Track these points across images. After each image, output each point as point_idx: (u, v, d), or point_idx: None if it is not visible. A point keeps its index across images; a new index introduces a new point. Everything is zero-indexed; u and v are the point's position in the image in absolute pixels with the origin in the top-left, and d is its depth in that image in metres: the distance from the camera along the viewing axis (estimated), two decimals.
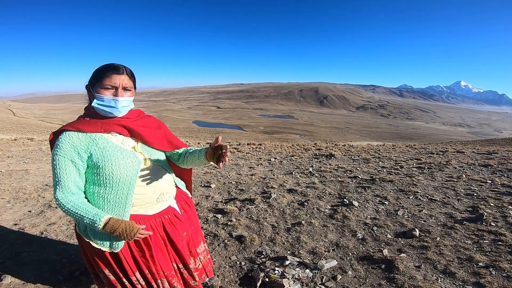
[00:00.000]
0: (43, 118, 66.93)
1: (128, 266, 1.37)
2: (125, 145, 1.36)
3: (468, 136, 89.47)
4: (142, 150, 1.41)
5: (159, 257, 1.44)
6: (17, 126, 33.77)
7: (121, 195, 1.30)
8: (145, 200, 1.40)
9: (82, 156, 1.25)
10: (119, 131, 1.35)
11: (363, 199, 3.83)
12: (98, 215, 1.21)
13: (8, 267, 2.35)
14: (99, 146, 1.27)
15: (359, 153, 8.09)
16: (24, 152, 8.22)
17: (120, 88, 1.29)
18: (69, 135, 1.24)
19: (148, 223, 1.40)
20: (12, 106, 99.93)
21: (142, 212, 1.40)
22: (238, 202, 3.85)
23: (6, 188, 4.45)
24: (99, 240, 1.30)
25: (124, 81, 1.30)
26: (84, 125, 1.27)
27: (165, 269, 1.46)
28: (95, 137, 1.28)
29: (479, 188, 4.05)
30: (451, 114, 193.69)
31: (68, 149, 1.22)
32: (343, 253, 2.54)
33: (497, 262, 2.25)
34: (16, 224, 3.21)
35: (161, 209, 1.47)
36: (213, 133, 58.86)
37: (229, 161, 6.93)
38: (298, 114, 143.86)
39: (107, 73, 1.26)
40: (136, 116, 1.44)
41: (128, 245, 1.36)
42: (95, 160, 1.26)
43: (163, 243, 1.46)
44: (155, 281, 1.45)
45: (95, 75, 1.29)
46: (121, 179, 1.29)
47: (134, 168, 1.32)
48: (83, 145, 1.25)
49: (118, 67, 1.29)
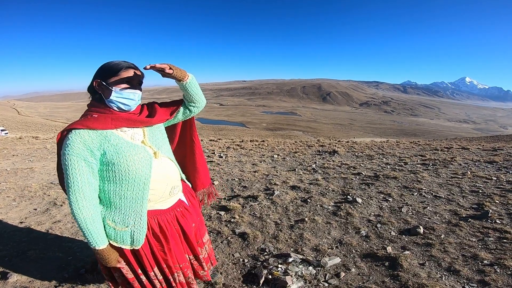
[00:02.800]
0: (48, 117, 67.40)
1: (148, 261, 1.39)
2: (135, 140, 1.34)
3: (473, 132, 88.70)
4: (150, 143, 1.39)
5: (175, 249, 1.46)
6: (22, 124, 34.04)
7: (137, 191, 1.29)
8: (159, 195, 1.40)
9: (95, 154, 1.21)
10: (129, 125, 1.32)
11: (366, 196, 3.81)
12: (100, 240, 1.23)
13: (14, 264, 2.39)
14: (112, 143, 1.24)
15: (363, 149, 8.05)
16: (29, 151, 8.29)
17: (135, 82, 1.31)
18: (79, 134, 1.18)
19: (164, 217, 1.42)
20: (17, 105, 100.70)
21: (158, 207, 1.42)
22: (241, 199, 3.85)
23: (12, 186, 4.49)
24: (120, 239, 1.30)
25: (138, 76, 1.32)
26: (94, 123, 1.23)
27: (180, 261, 1.49)
28: (106, 134, 1.25)
29: (484, 185, 4.01)
30: (456, 111, 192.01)
31: (80, 148, 1.17)
32: (346, 250, 2.53)
33: (502, 259, 2.23)
34: (22, 222, 3.24)
35: (173, 202, 1.50)
36: (216, 130, 58.92)
37: (232, 157, 6.93)
38: (301, 110, 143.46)
39: (124, 67, 1.27)
40: (140, 109, 1.43)
41: (148, 241, 1.38)
42: (110, 158, 1.23)
43: (178, 236, 1.49)
44: (172, 274, 1.48)
45: (108, 69, 1.27)
46: (137, 175, 1.28)
47: (147, 162, 1.31)
48: (96, 143, 1.21)
49: (131, 64, 1.30)
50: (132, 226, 1.30)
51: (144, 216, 1.32)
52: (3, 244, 2.70)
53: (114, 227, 1.28)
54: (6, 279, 2.16)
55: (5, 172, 5.44)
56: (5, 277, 2.19)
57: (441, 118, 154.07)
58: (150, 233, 1.38)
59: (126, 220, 1.29)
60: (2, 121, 35.39)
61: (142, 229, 1.32)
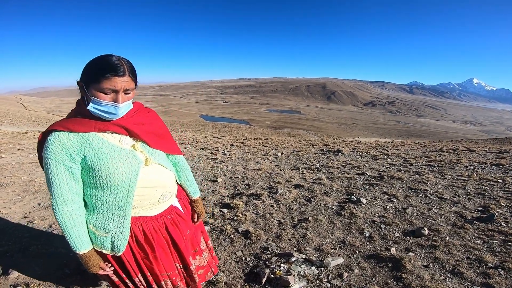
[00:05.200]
0: (54, 112, 67.98)
1: (131, 268, 1.34)
2: (123, 144, 1.23)
3: (479, 134, 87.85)
4: (142, 148, 1.28)
5: (162, 258, 1.39)
6: (28, 119, 34.34)
7: (120, 198, 1.22)
8: (146, 202, 1.32)
9: (75, 158, 1.13)
10: (115, 130, 1.21)
11: (371, 196, 3.79)
12: (80, 245, 1.19)
13: (16, 260, 2.38)
14: (94, 147, 1.15)
15: (367, 149, 8.00)
16: (34, 145, 8.35)
17: (120, 92, 1.13)
18: (58, 136, 1.10)
19: (150, 225, 1.34)
20: (24, 100, 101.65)
21: (143, 214, 1.33)
22: (245, 197, 3.84)
23: (16, 180, 4.53)
24: (100, 244, 1.25)
25: (125, 84, 1.13)
26: (76, 125, 1.13)
27: (168, 269, 1.43)
28: (88, 137, 1.15)
29: (490, 188, 3.97)
30: (463, 112, 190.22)
31: (59, 152, 1.10)
32: (349, 251, 2.52)
33: (506, 262, 2.21)
34: (25, 217, 3.26)
35: (163, 209, 1.41)
36: (219, 127, 58.99)
37: (235, 154, 6.93)
38: (305, 109, 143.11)
39: (106, 74, 1.08)
40: (134, 110, 1.29)
41: (130, 248, 1.32)
42: (90, 163, 1.14)
43: (166, 244, 1.42)
44: (159, 282, 1.42)
45: (90, 73, 1.11)
46: (120, 182, 1.19)
47: (133, 169, 1.21)
48: (75, 147, 1.12)
49: (118, 67, 1.10)
50: (113, 233, 1.24)
51: (126, 223, 1.26)
52: (5, 240, 2.71)
53: (95, 232, 1.24)
54: (8, 275, 2.16)
55: (10, 166, 5.49)
56: (6, 272, 2.19)
57: (447, 119, 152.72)
58: (133, 241, 1.32)
59: (107, 226, 1.23)
60: (9, 116, 35.76)
61: (123, 236, 1.25)
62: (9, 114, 39.54)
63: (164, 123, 1.47)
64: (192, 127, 57.97)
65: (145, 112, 1.37)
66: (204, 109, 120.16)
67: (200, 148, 8.33)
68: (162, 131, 1.42)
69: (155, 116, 1.42)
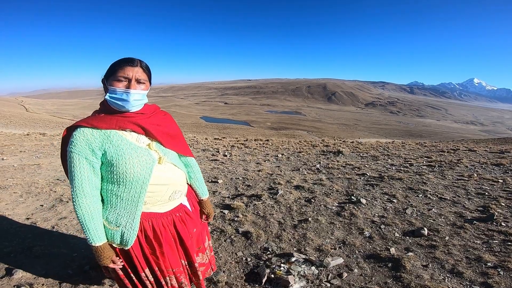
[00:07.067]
0: (55, 114, 68.15)
1: (138, 262, 1.38)
2: (139, 143, 1.33)
3: (480, 134, 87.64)
4: (156, 148, 1.38)
5: (168, 254, 1.44)
6: (30, 121, 34.45)
7: (133, 193, 1.29)
8: (158, 198, 1.39)
9: (96, 153, 1.23)
10: (134, 129, 1.31)
11: (371, 196, 3.80)
12: (96, 237, 1.26)
13: (19, 261, 2.41)
14: (113, 144, 1.25)
15: (368, 150, 8.01)
16: (36, 147, 8.39)
17: (133, 80, 1.26)
18: (83, 132, 1.21)
19: (159, 221, 1.40)
20: (25, 101, 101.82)
21: (154, 210, 1.40)
22: (245, 198, 3.86)
23: (19, 182, 4.56)
24: (110, 236, 1.31)
25: (137, 73, 1.27)
26: (99, 122, 1.24)
27: (173, 265, 1.47)
28: (109, 134, 1.25)
29: (490, 188, 3.98)
30: (463, 112, 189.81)
31: (83, 147, 1.20)
32: (349, 251, 2.53)
33: (505, 262, 2.22)
34: (28, 218, 3.29)
35: (172, 207, 1.47)
36: (220, 129, 59.02)
37: (236, 155, 6.95)
38: (306, 110, 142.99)
39: (121, 64, 1.25)
40: (152, 111, 1.40)
41: (139, 242, 1.36)
42: (109, 158, 1.24)
43: (173, 241, 1.47)
44: (164, 278, 1.46)
45: (110, 68, 1.27)
46: (135, 178, 1.27)
47: (148, 166, 1.30)
48: (98, 142, 1.22)
49: (132, 60, 1.27)
50: (123, 227, 1.30)
51: (137, 218, 1.32)
52: (9, 240, 2.73)
53: (107, 226, 1.30)
54: (11, 275, 2.18)
55: (12, 168, 5.52)
56: (10, 273, 2.21)
57: (448, 119, 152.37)
58: (143, 235, 1.37)
59: (119, 220, 1.29)
60: (10, 118, 35.87)
61: (133, 231, 1.31)
62: (11, 116, 39.67)
63: (178, 126, 1.56)
64: (193, 128, 58.05)
65: (162, 114, 1.47)
66: (205, 110, 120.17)
67: (201, 149, 8.36)
68: (175, 133, 1.51)
69: (170, 119, 1.52)
